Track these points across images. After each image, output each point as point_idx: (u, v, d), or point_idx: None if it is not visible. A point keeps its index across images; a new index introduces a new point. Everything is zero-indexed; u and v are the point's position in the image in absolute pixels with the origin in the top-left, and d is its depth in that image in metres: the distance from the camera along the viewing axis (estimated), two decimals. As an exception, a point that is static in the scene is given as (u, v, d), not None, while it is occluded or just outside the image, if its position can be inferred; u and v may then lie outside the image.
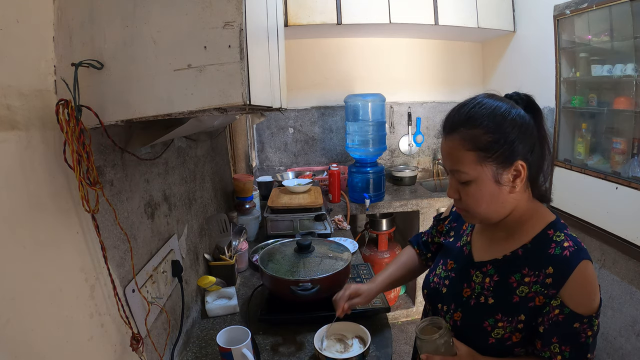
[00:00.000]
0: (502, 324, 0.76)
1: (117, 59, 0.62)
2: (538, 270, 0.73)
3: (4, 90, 0.53)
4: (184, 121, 0.80)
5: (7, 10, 0.53)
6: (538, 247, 0.76)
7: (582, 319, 0.70)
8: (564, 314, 0.71)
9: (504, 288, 0.77)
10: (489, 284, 0.80)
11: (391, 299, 2.73)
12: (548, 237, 0.76)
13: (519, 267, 0.76)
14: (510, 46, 2.70)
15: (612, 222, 1.85)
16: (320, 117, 2.99)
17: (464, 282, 0.84)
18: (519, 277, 0.75)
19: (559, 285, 0.71)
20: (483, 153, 0.72)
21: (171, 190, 1.13)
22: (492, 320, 0.77)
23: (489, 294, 0.79)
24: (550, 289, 0.71)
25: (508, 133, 0.72)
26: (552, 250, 0.73)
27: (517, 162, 0.73)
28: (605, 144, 1.96)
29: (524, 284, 0.75)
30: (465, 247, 0.89)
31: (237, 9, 0.60)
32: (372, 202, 2.48)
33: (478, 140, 0.72)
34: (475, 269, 0.83)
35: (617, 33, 1.79)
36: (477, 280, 0.82)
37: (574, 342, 0.71)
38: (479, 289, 0.81)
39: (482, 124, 0.73)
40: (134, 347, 0.78)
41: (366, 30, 2.62)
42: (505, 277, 0.77)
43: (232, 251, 1.47)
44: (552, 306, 0.71)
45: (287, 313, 1.19)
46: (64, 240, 0.63)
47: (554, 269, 0.72)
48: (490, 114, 0.73)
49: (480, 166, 0.73)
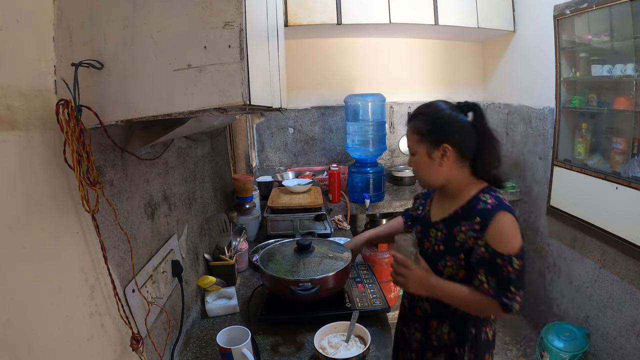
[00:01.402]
0: (450, 263, 1.04)
1: (117, 59, 0.62)
2: (470, 221, 1.01)
3: (4, 90, 0.53)
4: (184, 121, 0.80)
5: (7, 10, 0.53)
6: (470, 206, 1.04)
7: (503, 256, 0.95)
8: (488, 252, 0.96)
9: (450, 237, 1.05)
10: (440, 236, 1.08)
11: (391, 299, 2.73)
12: (478, 198, 1.04)
13: (458, 221, 1.04)
14: (510, 46, 2.70)
15: (612, 222, 1.85)
16: (320, 117, 2.99)
17: (425, 238, 1.13)
18: (459, 228, 1.03)
19: (483, 230, 0.98)
20: (421, 137, 1.06)
21: (171, 190, 1.13)
22: (443, 261, 1.05)
23: (439, 243, 1.08)
24: (478, 233, 0.99)
25: (439, 126, 1.04)
26: (479, 206, 1.01)
27: (444, 145, 1.02)
28: (605, 144, 1.96)
29: (462, 232, 1.02)
30: (425, 214, 1.19)
31: (237, 9, 0.60)
32: (372, 202, 2.48)
33: (420, 128, 1.06)
34: (432, 227, 1.12)
35: (617, 33, 1.79)
36: (433, 235, 1.11)
37: (498, 275, 0.95)
38: (433, 241, 1.10)
39: (423, 119, 1.06)
40: (134, 347, 0.78)
41: (366, 30, 2.62)
42: (450, 230, 1.06)
43: (232, 251, 1.47)
44: (479, 245, 0.98)
45: (287, 313, 1.19)
46: (64, 240, 0.63)
47: (480, 219, 0.99)
48: (431, 112, 1.06)
49: (419, 144, 1.06)
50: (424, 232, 1.15)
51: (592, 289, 2.07)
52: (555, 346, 2.01)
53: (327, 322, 1.08)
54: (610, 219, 1.86)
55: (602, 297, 1.99)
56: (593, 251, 2.05)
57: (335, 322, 1.08)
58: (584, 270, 2.12)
